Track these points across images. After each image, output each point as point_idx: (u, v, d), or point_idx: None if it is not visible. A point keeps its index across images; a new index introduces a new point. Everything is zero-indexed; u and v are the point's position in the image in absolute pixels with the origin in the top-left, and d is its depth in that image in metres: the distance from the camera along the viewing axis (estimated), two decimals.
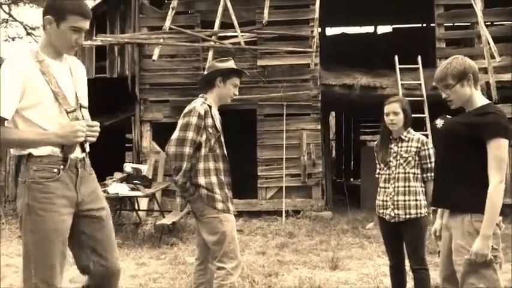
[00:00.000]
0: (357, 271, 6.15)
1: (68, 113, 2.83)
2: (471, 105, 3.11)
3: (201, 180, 3.69)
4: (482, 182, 2.93)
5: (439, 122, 3.22)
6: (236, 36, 10.76)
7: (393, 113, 4.16)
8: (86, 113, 2.97)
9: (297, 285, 5.49)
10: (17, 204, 2.87)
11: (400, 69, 10.53)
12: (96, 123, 2.91)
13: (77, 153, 2.89)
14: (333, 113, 19.05)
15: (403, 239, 4.20)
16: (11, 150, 2.90)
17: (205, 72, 4.00)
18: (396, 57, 10.56)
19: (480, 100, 3.11)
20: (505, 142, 2.93)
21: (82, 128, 2.78)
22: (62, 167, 2.81)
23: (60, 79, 2.83)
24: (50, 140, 2.76)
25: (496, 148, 2.91)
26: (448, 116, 3.22)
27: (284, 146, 10.64)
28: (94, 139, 2.91)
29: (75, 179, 2.88)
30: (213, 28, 10.70)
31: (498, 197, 2.90)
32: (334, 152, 19.84)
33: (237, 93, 3.98)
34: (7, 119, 2.68)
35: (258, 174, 10.79)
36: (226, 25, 10.77)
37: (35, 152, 2.76)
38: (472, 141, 2.97)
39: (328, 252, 7.04)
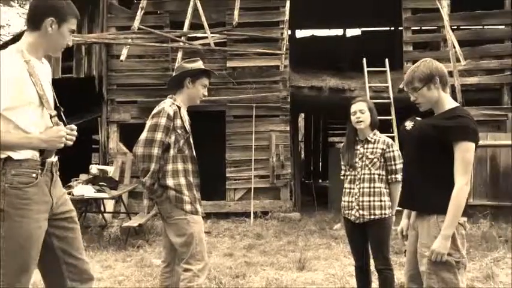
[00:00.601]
0: (324, 271, 6.18)
1: (51, 117, 2.79)
2: (440, 107, 3.14)
3: (170, 181, 3.66)
4: (449, 183, 2.97)
5: (409, 124, 3.25)
6: (206, 37, 10.72)
7: (359, 111, 4.21)
8: (63, 116, 2.92)
9: (264, 286, 5.49)
10: None
11: (368, 71, 10.65)
12: (74, 127, 2.88)
13: (52, 157, 2.84)
14: (302, 115, 19.18)
15: (368, 239, 4.25)
16: None
17: (174, 73, 3.97)
18: (364, 60, 10.68)
19: (449, 103, 3.14)
20: (471, 146, 2.97)
21: (65, 133, 2.77)
22: (39, 171, 2.75)
23: (42, 82, 2.78)
24: (32, 144, 2.70)
25: (463, 151, 2.95)
26: (417, 118, 3.25)
27: (253, 148, 10.65)
28: (71, 143, 2.86)
29: (49, 183, 2.83)
30: (182, 29, 10.64)
31: (462, 199, 2.94)
32: (302, 153, 19.96)
33: (206, 93, 3.95)
34: None
35: (227, 175, 10.78)
36: (196, 26, 10.72)
37: (15, 155, 2.66)
38: (440, 144, 3.00)
39: (295, 253, 7.06)
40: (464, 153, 2.95)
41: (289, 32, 12.42)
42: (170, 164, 3.68)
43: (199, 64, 3.90)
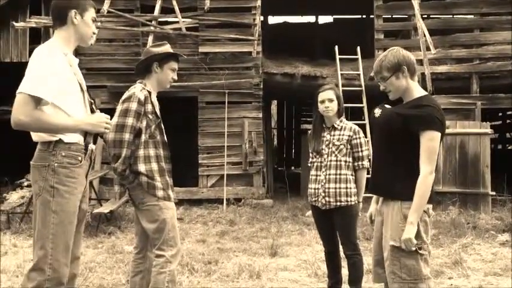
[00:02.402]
0: (296, 257, 6.23)
1: (91, 104, 3.12)
2: (408, 96, 3.16)
3: (141, 167, 3.60)
4: (413, 171, 3.00)
5: (377, 111, 3.27)
6: (177, 22, 10.59)
7: (328, 99, 4.25)
8: (96, 105, 3.24)
9: (236, 272, 5.49)
10: (33, 187, 3.00)
11: (340, 59, 10.70)
12: (109, 116, 3.16)
13: (91, 144, 3.11)
14: (275, 102, 19.19)
15: (335, 226, 4.28)
16: (33, 135, 2.99)
17: (141, 58, 3.89)
18: (336, 48, 10.72)
19: (417, 91, 3.15)
20: (437, 135, 2.98)
21: (107, 119, 3.08)
22: (83, 155, 3.04)
23: (79, 72, 3.12)
24: (79, 126, 2.98)
25: (428, 140, 2.97)
26: (386, 106, 3.26)
27: (226, 134, 10.61)
28: (108, 131, 3.19)
29: (87, 169, 3.12)
30: (153, 13, 10.48)
31: (426, 187, 2.98)
32: (275, 140, 20.00)
33: (175, 77, 3.88)
34: (48, 103, 2.84)
35: (199, 162, 10.73)
36: (167, 10, 10.59)
37: (65, 138, 2.94)
38: (407, 132, 3.02)
39: (268, 240, 7.09)
40: (429, 142, 2.97)
41: (262, 18, 12.35)
42: (142, 150, 3.62)
43: (166, 48, 3.83)
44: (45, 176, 2.91)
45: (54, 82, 2.86)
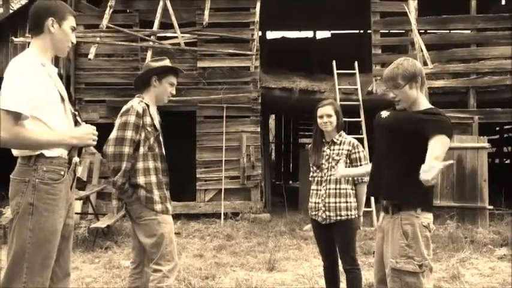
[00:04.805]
0: (293, 272, 6.20)
1: (74, 116, 2.99)
2: (415, 107, 3.14)
3: (140, 179, 3.60)
4: (413, 176, 2.94)
5: (384, 113, 3.23)
6: (176, 37, 10.66)
7: (327, 115, 4.26)
8: (81, 117, 3.12)
9: (233, 287, 5.47)
10: (11, 202, 2.83)
11: (337, 74, 10.76)
12: (94, 127, 3.03)
13: (76, 157, 2.98)
14: (273, 116, 19.23)
15: (335, 240, 4.28)
16: (13, 150, 2.85)
17: (140, 72, 3.92)
18: (334, 62, 10.78)
19: (424, 104, 3.16)
20: (448, 139, 2.93)
21: (93, 131, 2.97)
22: (66, 169, 2.89)
23: (59, 82, 2.97)
24: (65, 140, 2.85)
25: (440, 141, 2.89)
26: (394, 111, 3.24)
27: (223, 148, 10.61)
28: (95, 143, 3.03)
29: (71, 183, 2.98)
30: (152, 28, 10.55)
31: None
32: (273, 154, 20.00)
33: (174, 92, 3.91)
34: (27, 117, 2.69)
35: (197, 176, 10.71)
36: (166, 25, 10.65)
37: (47, 153, 2.80)
38: (413, 136, 2.98)
39: (265, 254, 7.06)
40: (440, 143, 2.88)
41: (260, 33, 12.43)
42: (141, 162, 3.62)
43: (165, 62, 3.86)
44: (25, 192, 2.76)
45: (31, 94, 2.70)
